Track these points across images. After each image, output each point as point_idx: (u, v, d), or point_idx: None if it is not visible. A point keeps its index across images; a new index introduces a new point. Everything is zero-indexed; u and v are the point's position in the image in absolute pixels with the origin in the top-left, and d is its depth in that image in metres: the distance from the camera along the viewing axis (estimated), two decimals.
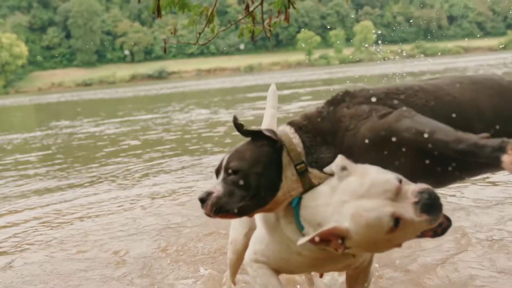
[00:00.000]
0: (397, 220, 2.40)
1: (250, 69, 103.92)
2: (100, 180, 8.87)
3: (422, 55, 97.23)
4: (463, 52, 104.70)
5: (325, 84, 38.68)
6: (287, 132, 2.85)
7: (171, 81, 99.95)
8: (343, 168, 2.57)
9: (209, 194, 2.77)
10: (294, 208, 2.78)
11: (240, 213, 2.77)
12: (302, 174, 2.79)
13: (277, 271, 3.04)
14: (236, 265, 3.64)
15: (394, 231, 2.42)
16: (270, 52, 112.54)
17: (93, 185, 8.46)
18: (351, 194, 2.49)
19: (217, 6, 5.39)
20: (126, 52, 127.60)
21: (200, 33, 5.23)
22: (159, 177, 8.73)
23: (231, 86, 50.64)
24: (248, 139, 2.85)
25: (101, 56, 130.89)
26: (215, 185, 2.79)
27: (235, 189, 2.75)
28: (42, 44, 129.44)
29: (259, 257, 3.02)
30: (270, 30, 5.72)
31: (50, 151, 13.78)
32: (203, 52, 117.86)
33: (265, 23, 5.68)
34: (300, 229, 2.72)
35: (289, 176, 2.79)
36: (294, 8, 5.55)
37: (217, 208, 2.74)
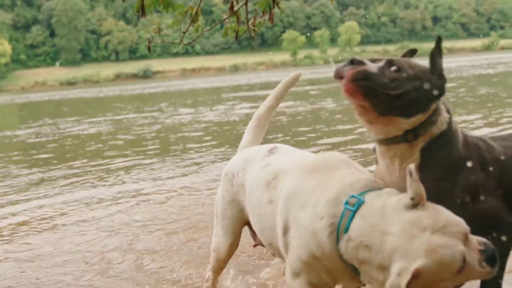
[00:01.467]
0: (464, 263, 2.31)
1: (235, 69, 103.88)
2: (82, 178, 8.84)
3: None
4: (447, 52, 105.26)
5: (310, 84, 38.70)
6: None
7: (156, 80, 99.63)
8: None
9: (360, 63, 2.55)
10: (350, 210, 2.50)
11: (378, 97, 2.48)
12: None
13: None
14: (219, 271, 3.56)
15: (459, 274, 2.32)
16: (255, 52, 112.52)
17: (73, 184, 8.44)
18: (422, 228, 2.32)
19: (202, 6, 5.38)
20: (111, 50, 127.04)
21: (184, 33, 5.22)
22: (140, 175, 8.74)
23: (216, 85, 50.59)
24: None
25: (86, 55, 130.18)
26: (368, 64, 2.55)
27: (388, 79, 2.50)
28: (25, 42, 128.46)
29: (294, 269, 2.70)
30: (254, 30, 5.72)
31: (30, 150, 13.70)
32: (188, 51, 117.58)
33: (249, 23, 5.68)
34: (336, 239, 2.51)
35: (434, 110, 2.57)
36: (279, 8, 5.55)
37: (361, 75, 2.49)
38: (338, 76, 2.58)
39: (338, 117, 15.85)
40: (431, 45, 2.79)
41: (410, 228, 2.33)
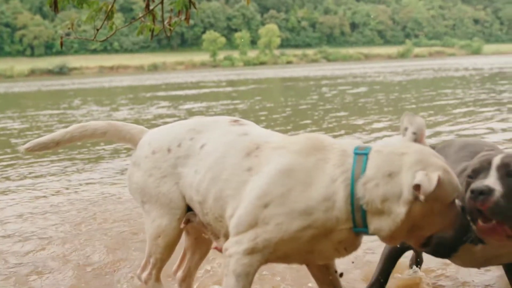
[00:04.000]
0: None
1: (154, 68, 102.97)
2: None
3: (325, 60, 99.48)
4: (364, 58, 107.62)
5: (230, 85, 38.84)
6: None
7: (72, 77, 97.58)
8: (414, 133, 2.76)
9: (490, 189, 2.57)
10: (362, 154, 2.75)
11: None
12: None
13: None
14: (166, 260, 3.31)
15: (451, 207, 2.68)
16: (175, 52, 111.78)
17: None
18: (432, 154, 2.70)
19: (122, 3, 5.33)
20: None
21: (98, 29, 5.16)
22: (44, 175, 8.60)
23: (134, 84, 50.00)
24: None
25: None
26: (492, 182, 2.59)
27: None
28: None
29: (258, 245, 2.80)
30: (170, 30, 5.70)
31: None
32: (107, 49, 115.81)
33: (165, 22, 5.66)
34: (351, 191, 2.68)
35: None
36: (195, 8, 5.55)
37: (498, 210, 2.54)
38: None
39: (252, 120, 15.98)
40: (348, 50, 2.88)
41: (422, 150, 2.69)
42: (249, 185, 2.86)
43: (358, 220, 2.72)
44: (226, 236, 2.97)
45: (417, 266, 4.17)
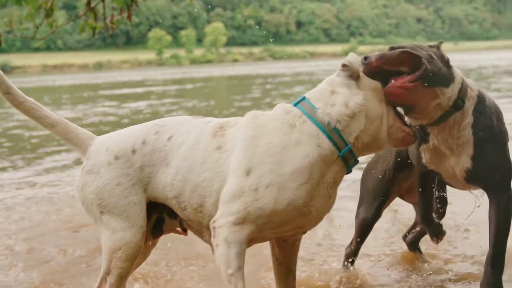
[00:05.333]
0: None
1: (99, 66, 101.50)
2: None
3: (271, 58, 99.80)
4: (309, 56, 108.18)
5: (176, 84, 38.67)
6: (471, 81, 3.38)
7: (14, 76, 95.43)
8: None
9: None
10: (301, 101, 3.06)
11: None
12: (455, 106, 3.22)
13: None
14: (128, 274, 3.19)
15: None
16: (120, 50, 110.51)
17: None
18: None
19: (66, 0, 5.26)
20: None
21: (37, 27, 5.08)
22: None
23: (79, 83, 49.25)
24: None
25: None
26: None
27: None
28: None
29: (250, 214, 2.84)
30: (112, 28, 5.67)
31: None
32: (50, 47, 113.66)
33: (107, 20, 5.62)
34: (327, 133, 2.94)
35: (453, 92, 3.22)
36: (137, 6, 5.53)
37: (382, 55, 3.04)
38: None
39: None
40: (294, 48, 3.06)
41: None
42: (223, 162, 2.93)
43: (338, 141, 2.94)
44: (209, 228, 2.95)
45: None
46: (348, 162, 2.99)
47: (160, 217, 3.26)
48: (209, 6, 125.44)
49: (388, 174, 4.05)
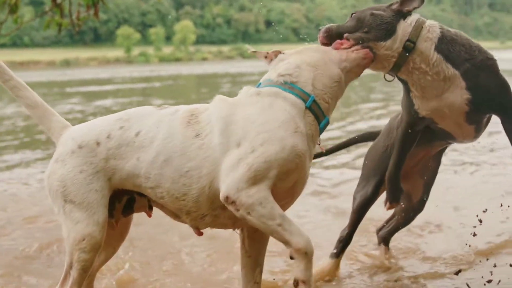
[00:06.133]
0: None
1: (66, 63, 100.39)
2: None
3: (240, 57, 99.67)
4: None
5: (145, 81, 38.47)
6: (433, 24, 3.61)
7: None
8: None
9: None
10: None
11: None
12: (405, 49, 3.51)
13: None
14: (91, 265, 3.13)
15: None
16: (88, 47, 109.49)
17: None
18: None
19: None
20: None
21: (2, 23, 5.01)
22: None
23: (46, 80, 48.65)
24: None
25: None
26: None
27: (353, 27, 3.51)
28: None
29: (258, 171, 2.90)
30: (79, 24, 5.62)
31: None
32: (16, 43, 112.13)
33: (73, 17, 5.56)
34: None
35: (395, 43, 3.51)
36: (104, 3, 5.48)
37: (329, 30, 3.53)
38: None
39: None
40: (264, 47, 3.21)
41: None
42: (207, 146, 2.97)
43: (300, 94, 3.14)
44: (189, 213, 3.03)
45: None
46: (317, 115, 3.14)
47: (130, 198, 3.26)
48: (178, 4, 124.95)
49: (390, 150, 4.12)
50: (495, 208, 4.43)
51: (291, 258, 2.95)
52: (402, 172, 4.05)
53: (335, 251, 4.36)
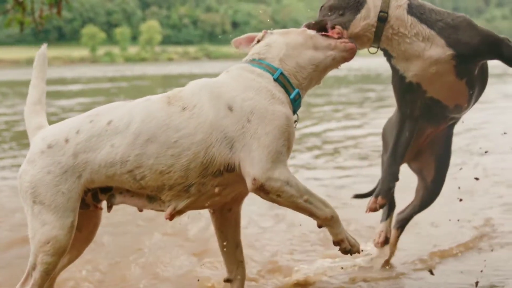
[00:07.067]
0: None
1: (30, 62, 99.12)
2: None
3: (206, 58, 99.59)
4: (244, 56, 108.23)
5: (110, 81, 38.20)
6: None
7: None
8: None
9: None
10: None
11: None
12: (380, 20, 3.68)
13: None
14: (54, 268, 3.09)
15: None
16: (53, 46, 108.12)
17: None
18: None
19: None
20: None
21: None
22: None
23: (8, 79, 48.00)
24: None
25: None
26: None
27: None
28: None
29: (275, 152, 3.01)
30: (41, 23, 5.56)
31: None
32: None
33: (36, 15, 5.51)
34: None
35: (370, 12, 3.69)
36: (67, 2, 5.44)
37: (308, 26, 3.64)
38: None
39: None
40: (229, 48, 3.31)
41: None
42: (198, 114, 3.03)
43: (269, 68, 3.26)
44: (172, 187, 3.03)
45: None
46: (285, 87, 3.23)
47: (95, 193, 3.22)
48: (144, 4, 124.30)
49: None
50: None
51: (319, 227, 3.13)
52: (412, 151, 4.14)
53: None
